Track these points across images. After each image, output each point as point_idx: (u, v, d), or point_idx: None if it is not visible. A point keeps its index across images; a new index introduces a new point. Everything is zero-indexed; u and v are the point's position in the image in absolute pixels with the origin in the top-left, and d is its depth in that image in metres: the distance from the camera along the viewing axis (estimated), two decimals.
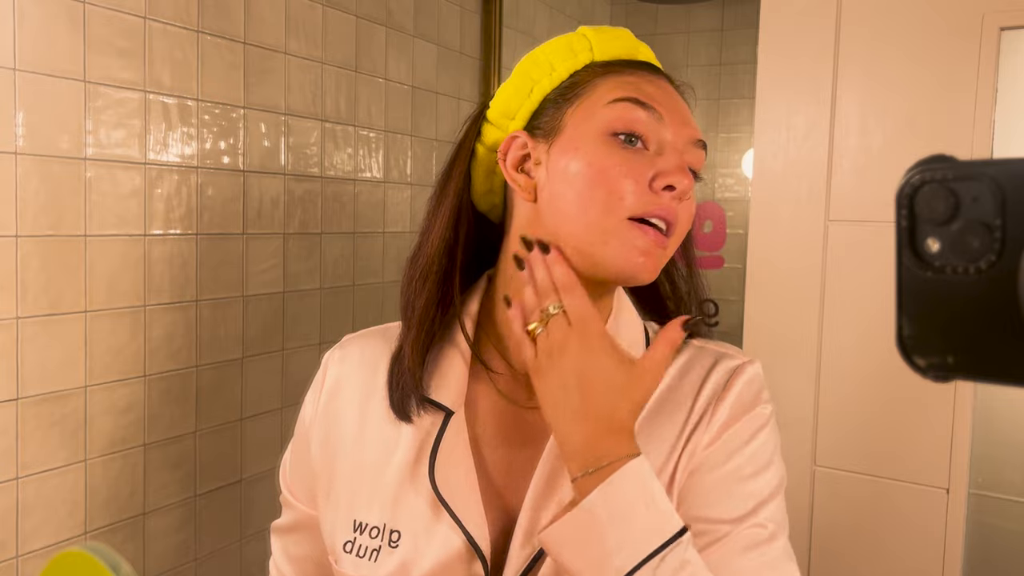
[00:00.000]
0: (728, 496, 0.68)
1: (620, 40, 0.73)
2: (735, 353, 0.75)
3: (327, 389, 0.80)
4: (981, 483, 1.40)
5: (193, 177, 1.42)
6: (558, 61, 0.72)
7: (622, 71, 0.71)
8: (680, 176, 0.66)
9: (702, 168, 0.72)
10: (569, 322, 0.65)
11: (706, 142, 0.72)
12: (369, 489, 0.74)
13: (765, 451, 0.71)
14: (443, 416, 0.73)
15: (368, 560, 0.72)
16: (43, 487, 1.22)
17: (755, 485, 0.69)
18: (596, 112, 0.69)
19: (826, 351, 1.45)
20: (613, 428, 0.62)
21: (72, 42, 1.22)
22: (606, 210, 0.66)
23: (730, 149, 2.71)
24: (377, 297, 1.89)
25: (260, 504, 1.59)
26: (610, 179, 0.66)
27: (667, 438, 0.71)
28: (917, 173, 0.33)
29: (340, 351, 0.82)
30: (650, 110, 0.68)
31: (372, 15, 1.82)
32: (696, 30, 2.71)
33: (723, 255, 2.57)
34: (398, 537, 0.71)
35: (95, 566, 0.65)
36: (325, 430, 0.79)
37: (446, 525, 0.70)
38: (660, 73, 0.73)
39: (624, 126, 0.67)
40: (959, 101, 1.33)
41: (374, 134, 1.85)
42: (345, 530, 0.74)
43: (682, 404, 0.72)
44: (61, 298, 1.22)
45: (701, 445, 0.70)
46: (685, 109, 0.71)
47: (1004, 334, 0.31)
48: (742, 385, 0.72)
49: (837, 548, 1.46)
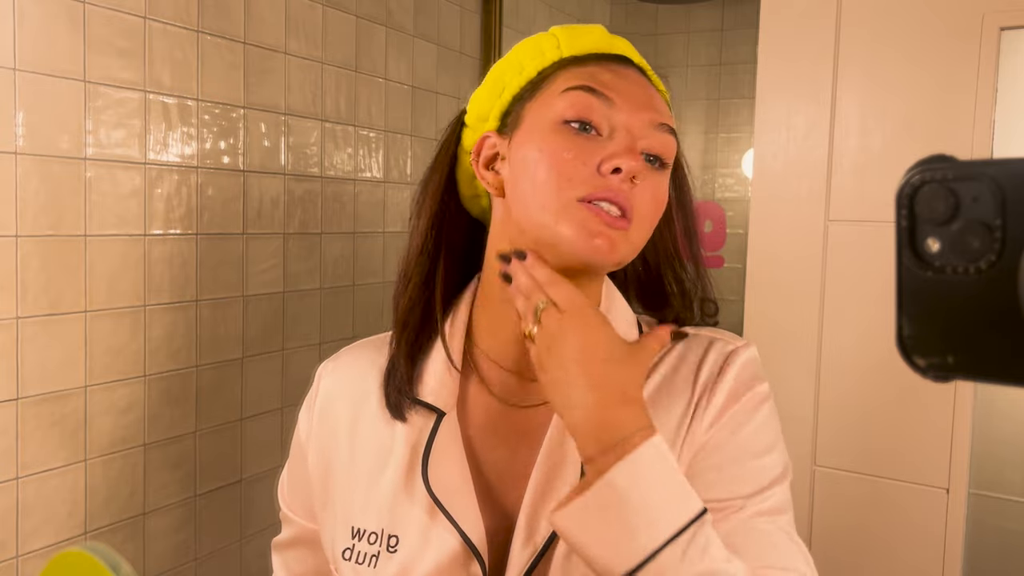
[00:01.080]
0: (738, 474, 0.68)
1: (590, 35, 0.73)
2: (729, 338, 0.75)
3: (319, 402, 0.81)
4: (981, 483, 1.40)
5: (193, 177, 1.42)
6: (527, 60, 0.73)
7: (585, 63, 0.71)
8: (627, 158, 0.65)
9: (670, 153, 0.70)
10: (560, 311, 0.65)
11: (674, 128, 0.71)
12: (365, 495, 0.74)
13: (768, 430, 0.71)
14: (435, 417, 0.74)
15: (368, 566, 0.71)
16: (43, 487, 1.22)
17: (763, 462, 0.69)
18: (551, 102, 0.69)
19: (826, 351, 1.45)
20: (627, 399, 0.61)
21: (72, 42, 1.22)
22: (557, 192, 0.66)
23: (730, 149, 2.71)
24: (377, 297, 1.89)
25: (260, 504, 1.59)
26: (560, 162, 0.66)
27: (669, 426, 0.70)
28: (917, 173, 0.33)
29: (332, 363, 0.83)
30: (600, 96, 0.68)
31: (372, 15, 1.82)
32: (696, 30, 2.71)
33: (723, 255, 2.57)
34: (396, 542, 0.71)
35: (95, 566, 0.65)
36: (320, 442, 0.79)
37: (442, 527, 0.70)
38: (629, 63, 0.73)
39: (575, 113, 0.67)
40: (959, 101, 1.33)
41: (374, 134, 1.85)
42: (344, 537, 0.74)
43: (681, 391, 0.72)
44: (61, 298, 1.22)
45: (702, 429, 0.70)
46: (650, 94, 0.70)
47: (1004, 334, 0.31)
48: (738, 367, 0.72)
49: (837, 548, 1.46)
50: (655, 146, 0.69)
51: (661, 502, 0.57)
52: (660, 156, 0.69)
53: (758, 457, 0.69)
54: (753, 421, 0.70)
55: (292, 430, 0.84)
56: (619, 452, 0.58)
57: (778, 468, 0.70)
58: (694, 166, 2.76)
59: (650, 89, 0.71)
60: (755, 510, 0.66)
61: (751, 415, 0.70)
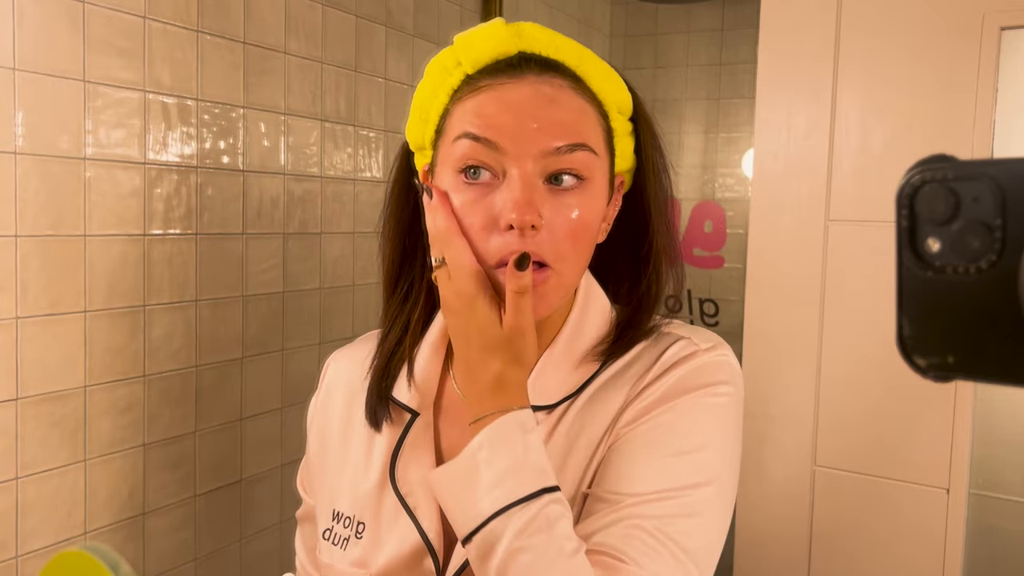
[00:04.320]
0: (635, 471, 0.65)
1: (490, 42, 0.69)
2: (700, 339, 0.72)
3: (324, 389, 0.87)
4: (981, 483, 1.40)
5: (193, 177, 1.42)
6: (438, 86, 0.71)
7: (477, 91, 0.68)
8: (516, 213, 0.63)
9: (580, 168, 0.66)
10: (449, 275, 0.67)
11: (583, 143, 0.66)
12: (348, 481, 0.78)
13: (700, 432, 0.67)
14: (409, 417, 0.76)
15: (339, 548, 0.76)
16: (43, 487, 1.22)
17: (680, 462, 0.66)
18: (450, 149, 0.69)
19: (826, 351, 1.45)
20: (498, 385, 0.65)
21: (72, 42, 1.22)
22: (481, 261, 0.66)
23: (730, 149, 2.71)
24: (377, 297, 1.88)
25: (260, 504, 1.59)
26: (469, 231, 0.66)
27: (608, 413, 0.70)
28: (917, 173, 0.33)
29: (340, 352, 0.89)
30: (484, 142, 0.65)
31: (372, 15, 1.82)
32: (696, 30, 2.71)
33: (723, 255, 2.57)
34: (363, 529, 0.75)
35: (95, 566, 0.65)
36: (319, 426, 0.85)
37: (404, 522, 0.72)
38: (529, 63, 0.68)
39: (466, 164, 0.66)
40: (959, 101, 1.33)
41: (374, 134, 1.85)
42: (326, 518, 0.79)
43: (627, 382, 0.71)
44: (61, 298, 1.22)
45: (623, 422, 0.68)
46: (543, 115, 0.66)
47: (1004, 334, 0.31)
48: (688, 369, 0.69)
49: (837, 548, 1.46)
50: (559, 167, 0.66)
51: (504, 473, 0.62)
52: (569, 173, 0.66)
53: (674, 456, 0.66)
54: (682, 421, 0.67)
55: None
56: (480, 424, 0.64)
57: (702, 474, 0.66)
58: (694, 166, 2.76)
59: (545, 105, 0.66)
60: (649, 510, 0.63)
61: (682, 414, 0.67)
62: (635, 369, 0.72)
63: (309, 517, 0.87)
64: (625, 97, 0.72)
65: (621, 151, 0.73)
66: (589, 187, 0.67)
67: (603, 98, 0.70)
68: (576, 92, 0.68)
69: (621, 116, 0.72)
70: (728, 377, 0.70)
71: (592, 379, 0.72)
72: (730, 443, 0.70)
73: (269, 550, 1.60)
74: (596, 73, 0.70)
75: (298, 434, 1.58)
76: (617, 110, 0.71)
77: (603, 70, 0.70)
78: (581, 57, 0.70)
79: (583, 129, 0.67)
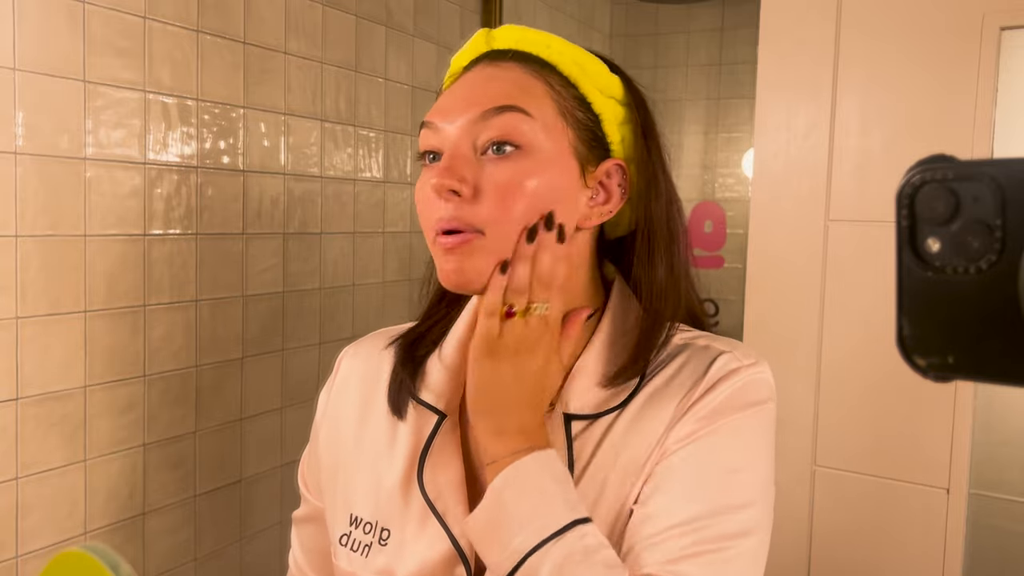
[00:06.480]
0: (687, 491, 0.65)
1: (466, 50, 0.74)
2: (741, 354, 0.72)
3: (337, 385, 0.83)
4: (981, 483, 1.40)
5: (193, 177, 1.42)
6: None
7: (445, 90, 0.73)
8: (437, 177, 0.65)
9: (510, 132, 0.66)
10: (547, 324, 0.66)
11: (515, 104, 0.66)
12: (366, 485, 0.76)
13: (746, 451, 0.68)
14: (436, 419, 0.74)
15: (360, 555, 0.73)
16: (43, 487, 1.22)
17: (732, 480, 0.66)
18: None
19: (826, 351, 1.45)
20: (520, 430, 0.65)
21: (72, 42, 1.22)
22: (427, 235, 0.69)
23: (730, 149, 2.71)
24: (377, 297, 1.89)
25: (260, 504, 1.59)
26: (417, 207, 0.70)
27: (656, 428, 0.69)
28: (917, 173, 0.33)
29: (354, 348, 0.85)
30: (430, 127, 0.69)
31: (372, 15, 1.82)
32: (696, 30, 2.71)
33: (723, 255, 2.57)
34: (388, 536, 0.72)
35: (95, 566, 0.65)
36: (332, 424, 0.81)
37: (432, 528, 0.70)
38: (481, 61, 0.72)
39: (421, 148, 0.71)
40: (959, 101, 1.33)
41: (374, 134, 1.85)
42: (343, 523, 0.76)
43: (673, 396, 0.70)
44: (61, 298, 1.22)
45: (673, 439, 0.68)
46: (477, 90, 0.68)
47: (1004, 334, 0.31)
48: (736, 388, 0.69)
49: (837, 548, 1.46)
50: (489, 134, 0.66)
51: (533, 511, 0.61)
52: (498, 140, 0.66)
53: (727, 474, 0.66)
54: (734, 441, 0.68)
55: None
56: (500, 465, 0.64)
57: (751, 492, 0.67)
58: (694, 166, 2.76)
59: (483, 82, 0.69)
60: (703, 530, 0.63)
61: (733, 434, 0.68)
62: (679, 381, 0.70)
63: (311, 519, 0.85)
64: (610, 80, 0.71)
65: (620, 137, 0.72)
66: (530, 155, 0.67)
67: (577, 80, 0.70)
68: (525, 71, 0.69)
69: (610, 100, 0.71)
70: (770, 394, 0.71)
71: (635, 392, 0.71)
72: (771, 459, 0.71)
73: (269, 550, 1.60)
74: (567, 57, 0.70)
75: (298, 434, 1.58)
76: (600, 92, 0.71)
77: (576, 54, 0.71)
78: (549, 46, 0.71)
79: (516, 94, 0.68)
